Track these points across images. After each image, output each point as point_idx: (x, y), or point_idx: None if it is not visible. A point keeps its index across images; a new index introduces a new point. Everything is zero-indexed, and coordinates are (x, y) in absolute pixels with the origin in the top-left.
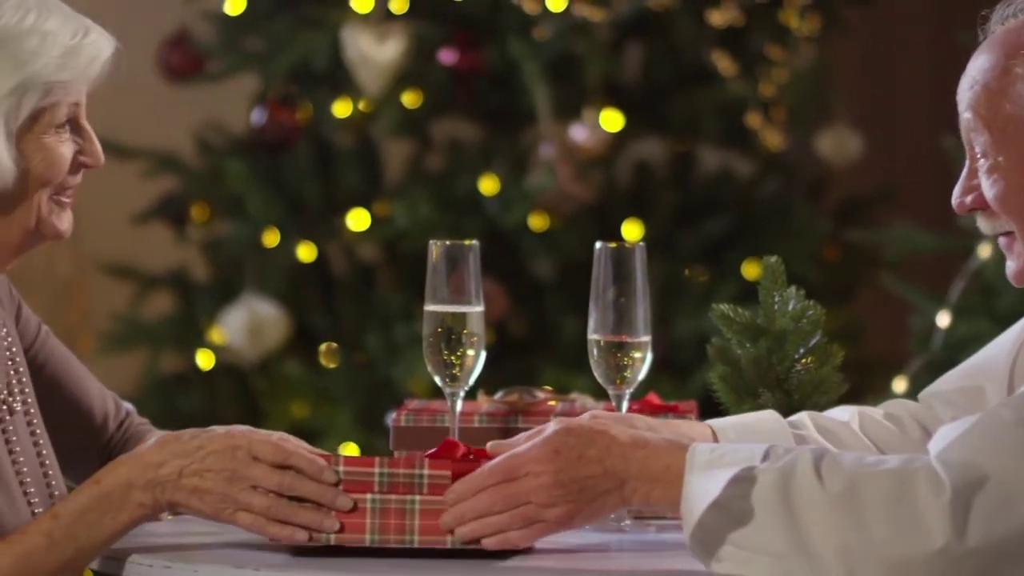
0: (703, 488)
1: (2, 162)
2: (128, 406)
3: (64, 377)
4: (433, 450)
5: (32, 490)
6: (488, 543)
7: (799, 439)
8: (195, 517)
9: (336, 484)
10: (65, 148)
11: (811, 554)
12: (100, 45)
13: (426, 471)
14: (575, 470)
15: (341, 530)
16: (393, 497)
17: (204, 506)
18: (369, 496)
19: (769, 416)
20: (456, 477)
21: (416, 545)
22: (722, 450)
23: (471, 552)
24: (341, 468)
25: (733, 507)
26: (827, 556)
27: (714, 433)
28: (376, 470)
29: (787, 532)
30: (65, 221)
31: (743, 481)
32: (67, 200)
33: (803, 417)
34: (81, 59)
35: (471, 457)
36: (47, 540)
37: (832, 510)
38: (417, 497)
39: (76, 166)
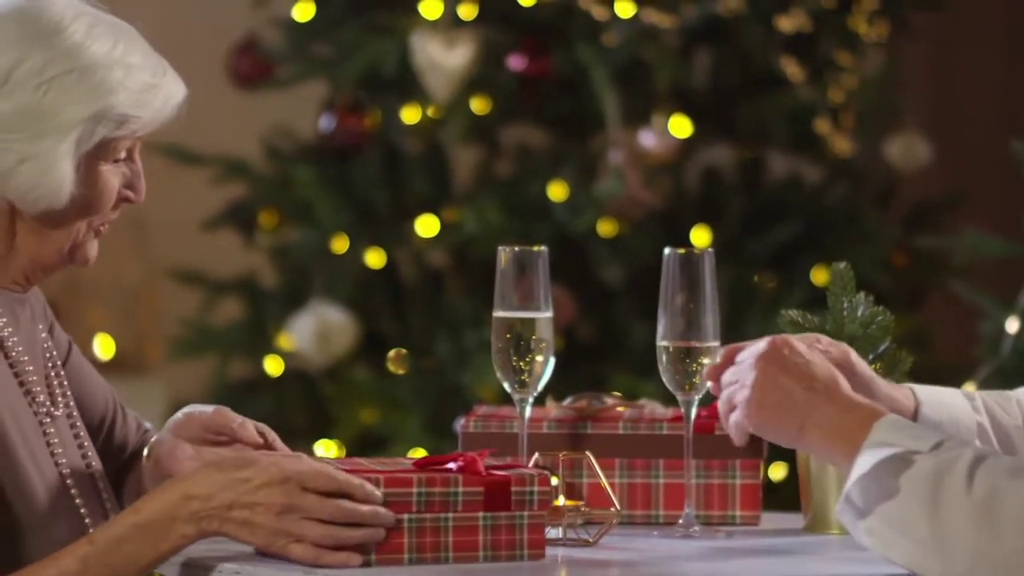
0: (866, 461)
1: (64, 185)
2: (146, 424)
3: (88, 398)
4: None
5: (75, 491)
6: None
7: (981, 430)
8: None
9: (384, 504)
10: (114, 179)
11: (946, 551)
12: (175, 88)
13: (460, 488)
14: (782, 375)
15: (381, 550)
16: (428, 515)
17: (255, 539)
18: (407, 516)
19: (958, 398)
20: (489, 493)
21: (451, 562)
22: (906, 430)
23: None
24: (381, 490)
25: (887, 485)
26: (960, 558)
27: (915, 397)
28: (415, 490)
29: (930, 526)
30: (94, 249)
31: (902, 463)
32: (102, 231)
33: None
34: (158, 98)
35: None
36: (81, 566)
37: (972, 515)
38: (451, 515)
39: (120, 200)
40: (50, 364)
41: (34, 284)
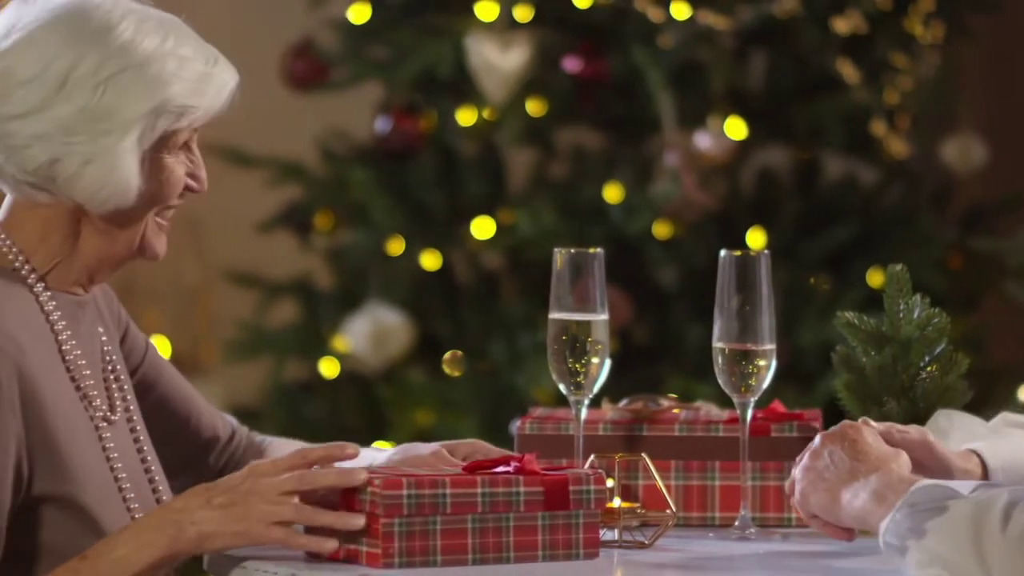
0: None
1: (131, 181)
2: (232, 420)
3: (173, 395)
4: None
5: (132, 495)
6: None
7: None
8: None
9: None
10: (180, 169)
11: None
12: (228, 75)
13: (522, 488)
14: (836, 447)
15: (445, 551)
16: (491, 516)
17: (237, 525)
18: (470, 516)
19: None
20: (548, 492)
21: (512, 562)
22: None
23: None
24: (449, 492)
25: (927, 526)
26: None
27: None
28: (479, 490)
29: (976, 565)
30: (163, 243)
31: (941, 506)
32: (166, 223)
33: None
34: (212, 86)
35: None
36: (73, 571)
37: (1009, 552)
38: (512, 515)
39: (184, 190)
40: (109, 368)
41: (97, 283)
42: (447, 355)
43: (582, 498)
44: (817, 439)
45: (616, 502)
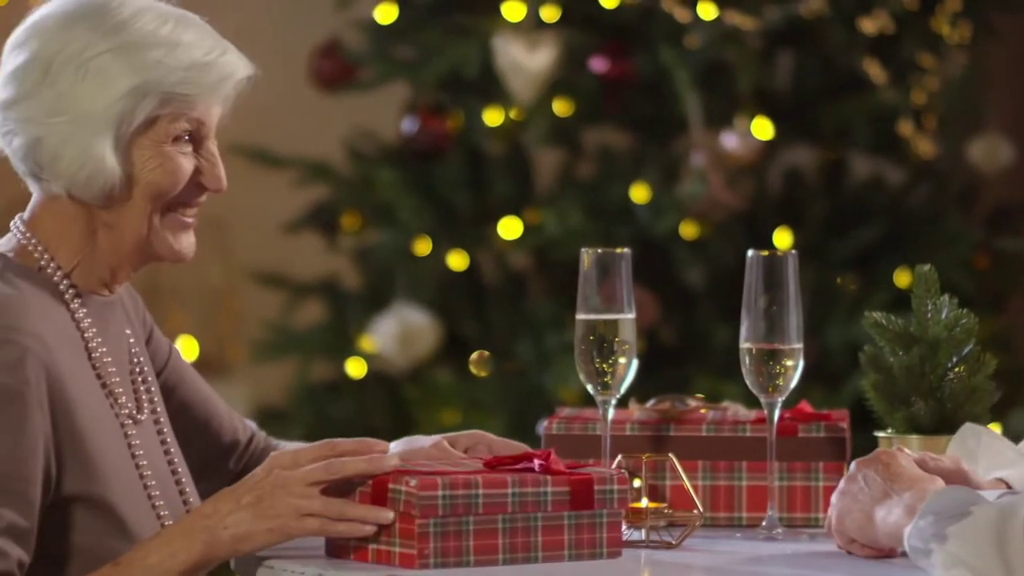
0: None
1: (107, 162)
2: (252, 424)
3: (194, 399)
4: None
5: (156, 493)
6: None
7: None
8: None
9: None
10: (184, 161)
11: None
12: (234, 66)
13: (549, 488)
14: (870, 471)
15: (477, 551)
16: (520, 515)
17: (269, 523)
18: (501, 516)
19: None
20: (574, 492)
21: (540, 562)
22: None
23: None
24: (482, 492)
25: (951, 531)
26: None
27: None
28: (510, 490)
29: (1000, 569)
30: (183, 242)
31: (964, 512)
32: (187, 220)
33: None
34: (209, 76)
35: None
36: None
37: None
38: (540, 514)
39: (195, 186)
40: (136, 367)
41: (120, 283)
42: (474, 355)
43: (606, 498)
44: (853, 465)
45: (643, 502)
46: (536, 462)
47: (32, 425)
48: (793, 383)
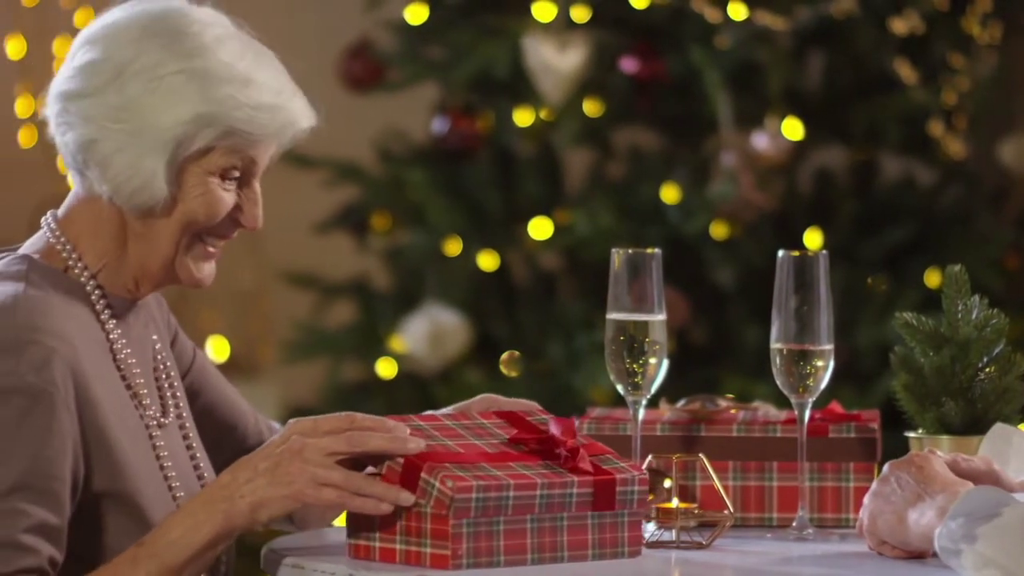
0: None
1: (156, 180)
2: (276, 426)
3: (219, 402)
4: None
5: (182, 495)
6: None
7: None
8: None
9: (507, 508)
10: (227, 196)
11: None
12: (298, 114)
13: (575, 490)
14: (902, 472)
15: (508, 551)
16: (547, 516)
17: (286, 489)
18: (529, 516)
19: None
20: (599, 492)
21: (566, 561)
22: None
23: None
24: (512, 494)
25: (981, 531)
26: None
27: None
28: (538, 493)
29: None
30: (204, 270)
31: (997, 508)
32: (212, 251)
33: None
34: (274, 121)
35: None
36: (130, 565)
37: None
38: (565, 514)
39: (231, 220)
40: (161, 370)
41: (143, 293)
42: (504, 355)
43: (627, 499)
44: (886, 467)
45: (674, 503)
46: (562, 451)
47: (60, 425)
48: (824, 383)
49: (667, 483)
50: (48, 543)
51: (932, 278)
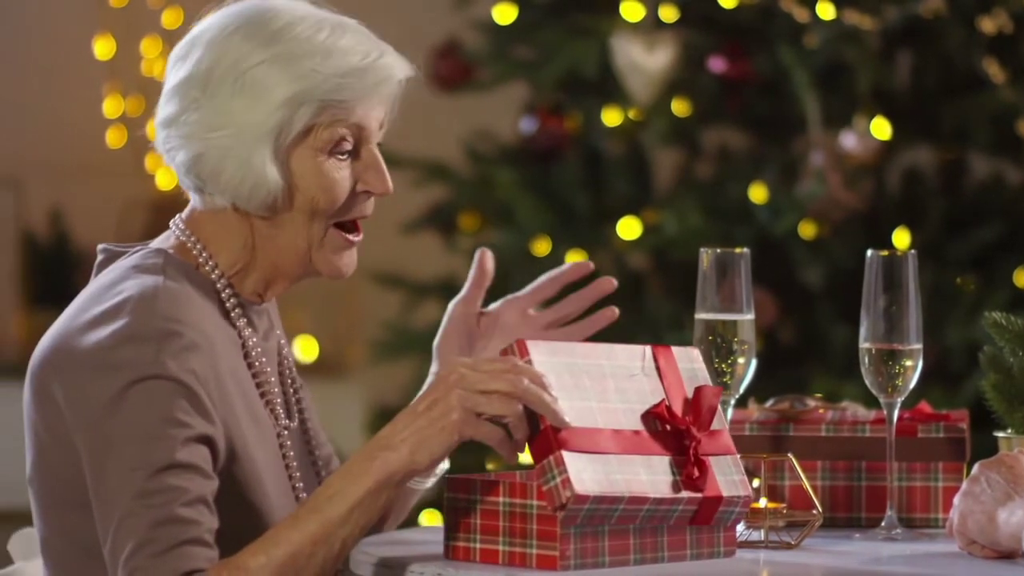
0: None
1: (267, 173)
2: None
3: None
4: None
5: (304, 494)
6: None
7: None
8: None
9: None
10: (340, 175)
11: None
12: (391, 68)
13: (681, 507)
14: (991, 472)
15: (611, 552)
16: (649, 525)
17: (445, 420)
18: (631, 526)
19: None
20: (702, 509)
21: (666, 562)
22: None
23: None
24: (622, 507)
25: None
26: None
27: None
28: (646, 508)
29: None
30: (344, 259)
31: None
32: (352, 239)
33: None
34: (366, 81)
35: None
36: (291, 519)
37: None
38: (665, 526)
39: (361, 194)
40: (287, 374)
41: (271, 297)
42: None
43: (725, 517)
44: (976, 467)
45: (762, 503)
46: (691, 443)
47: (203, 409)
48: (912, 383)
49: (756, 483)
50: (206, 512)
51: (1021, 278)
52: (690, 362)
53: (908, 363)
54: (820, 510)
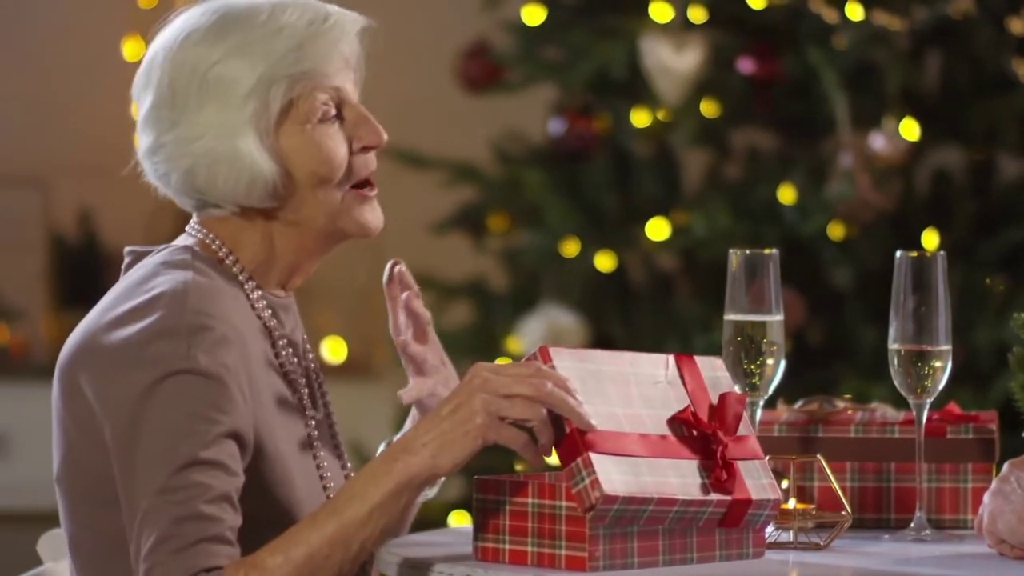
0: None
1: (258, 162)
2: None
3: None
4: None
5: (332, 484)
6: None
7: None
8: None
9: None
10: (331, 141)
11: None
12: (341, 26)
13: (710, 509)
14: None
15: (641, 553)
16: (678, 526)
17: (468, 424)
18: (661, 527)
19: None
20: (731, 511)
21: (695, 563)
22: None
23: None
24: (651, 508)
25: None
26: None
27: None
28: (675, 509)
29: None
30: (368, 213)
31: None
32: (369, 194)
33: None
34: (319, 46)
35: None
36: (310, 519)
37: None
38: (694, 527)
39: (359, 153)
40: (312, 368)
41: (296, 283)
42: None
43: (754, 520)
44: (1005, 466)
45: (791, 504)
46: (718, 447)
47: (233, 405)
48: (941, 384)
49: (784, 484)
50: (229, 509)
51: None
52: (713, 370)
53: (937, 364)
54: (849, 511)
